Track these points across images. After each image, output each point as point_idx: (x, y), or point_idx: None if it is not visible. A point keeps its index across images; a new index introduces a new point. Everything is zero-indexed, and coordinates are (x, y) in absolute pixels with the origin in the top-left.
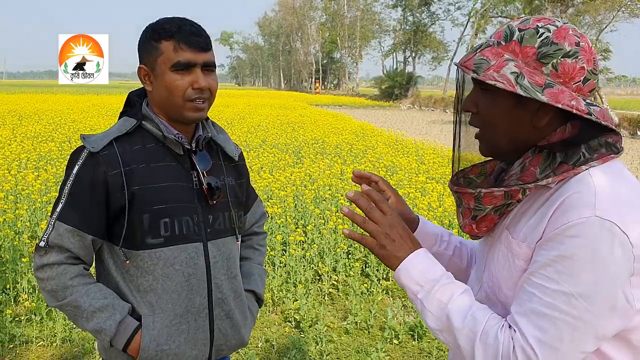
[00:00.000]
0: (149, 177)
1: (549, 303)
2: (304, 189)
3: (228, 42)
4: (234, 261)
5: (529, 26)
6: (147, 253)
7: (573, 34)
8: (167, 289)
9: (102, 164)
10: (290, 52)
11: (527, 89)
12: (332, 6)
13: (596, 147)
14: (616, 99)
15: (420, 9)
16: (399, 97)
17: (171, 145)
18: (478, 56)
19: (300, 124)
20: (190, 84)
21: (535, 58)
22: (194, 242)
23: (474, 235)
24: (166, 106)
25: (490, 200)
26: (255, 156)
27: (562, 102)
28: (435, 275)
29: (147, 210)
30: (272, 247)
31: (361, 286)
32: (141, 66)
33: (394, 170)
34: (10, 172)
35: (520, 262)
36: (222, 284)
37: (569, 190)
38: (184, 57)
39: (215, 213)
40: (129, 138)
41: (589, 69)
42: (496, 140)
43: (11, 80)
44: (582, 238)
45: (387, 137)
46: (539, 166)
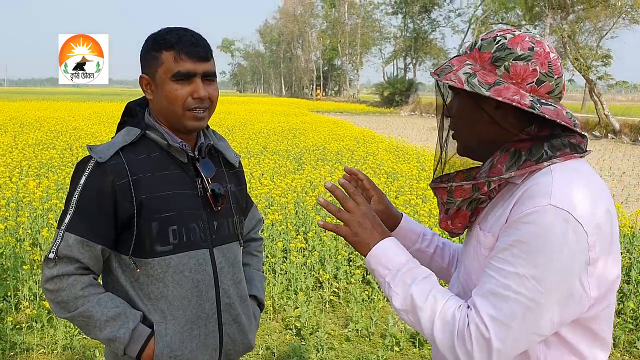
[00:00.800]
0: (155, 185)
1: (504, 284)
2: (304, 195)
3: (229, 50)
4: (238, 266)
5: (490, 36)
6: (157, 261)
7: (528, 41)
8: (178, 295)
9: (110, 173)
10: (291, 59)
11: (473, 85)
12: (332, 14)
13: (559, 146)
14: (617, 105)
15: (421, 16)
16: (399, 104)
17: (175, 154)
18: (446, 63)
19: (301, 130)
20: (190, 94)
21: (490, 61)
22: (202, 249)
23: (451, 232)
24: (167, 115)
25: (460, 193)
26: (256, 163)
27: (504, 96)
28: (402, 260)
29: (155, 218)
30: (273, 254)
31: (362, 293)
32: (142, 75)
33: (395, 176)
34: (12, 180)
35: (485, 251)
36: (229, 289)
37: (531, 183)
38: (184, 67)
39: (219, 219)
40: (134, 148)
41: (542, 71)
42: (467, 140)
43: (13, 88)
44: (537, 225)
45: (388, 144)
46: (505, 163)
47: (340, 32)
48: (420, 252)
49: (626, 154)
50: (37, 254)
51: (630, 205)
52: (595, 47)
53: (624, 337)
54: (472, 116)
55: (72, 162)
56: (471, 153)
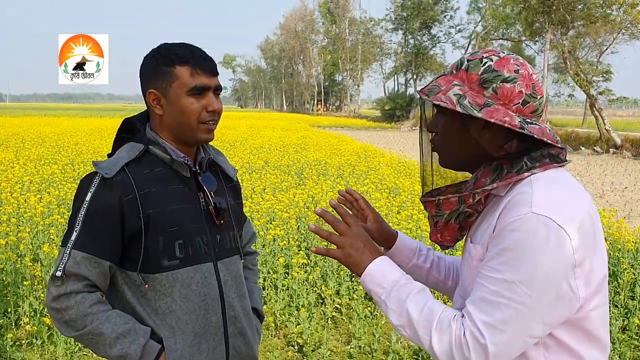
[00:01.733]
0: (161, 200)
1: (494, 291)
2: (306, 210)
3: (231, 65)
4: (241, 280)
5: (476, 57)
6: (165, 275)
7: (514, 63)
8: (186, 309)
9: (117, 189)
10: (293, 75)
11: (465, 107)
12: (333, 30)
13: (539, 158)
14: (618, 120)
15: (421, 32)
16: (400, 119)
17: (178, 168)
18: (433, 83)
19: (302, 145)
20: (204, 107)
21: (478, 83)
22: (206, 262)
23: (442, 245)
24: (179, 129)
25: (447, 206)
26: (258, 178)
27: (496, 117)
28: (395, 277)
29: (162, 233)
30: (275, 270)
31: (365, 309)
32: (152, 91)
33: (397, 191)
34: (13, 195)
35: (475, 262)
36: (234, 302)
37: (514, 193)
38: (201, 82)
39: (222, 233)
40: (138, 163)
41: (527, 92)
42: (451, 154)
43: (15, 104)
44: (520, 232)
45: (389, 159)
46: (489, 177)
47: (341, 48)
48: (417, 268)
49: (628, 169)
50: (37, 270)
51: (633, 220)
52: (596, 62)
53: (630, 353)
54: (458, 134)
55: (74, 177)
56: (454, 166)
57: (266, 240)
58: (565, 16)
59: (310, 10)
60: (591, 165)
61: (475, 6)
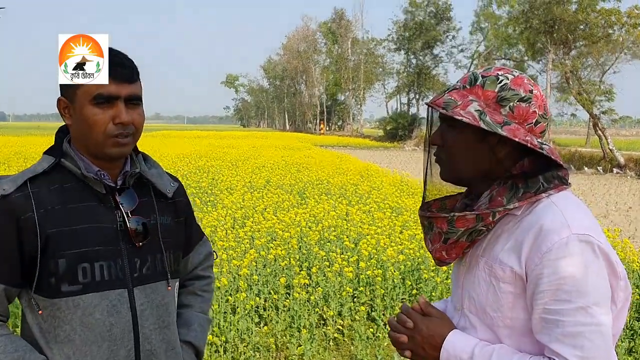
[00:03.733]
0: (65, 218)
1: (573, 321)
2: (308, 230)
3: (233, 85)
4: (165, 309)
5: (490, 74)
6: (64, 301)
7: (527, 83)
8: (86, 339)
9: (14, 207)
10: (295, 94)
11: (489, 124)
12: (335, 49)
13: (551, 179)
14: (621, 140)
15: (424, 52)
16: (403, 138)
17: (92, 184)
18: (447, 96)
19: (304, 164)
20: (112, 119)
21: (495, 100)
22: (117, 289)
23: (442, 262)
24: (86, 141)
25: (463, 223)
26: (260, 197)
27: (519, 137)
28: (471, 344)
29: (63, 255)
30: (276, 291)
31: (367, 331)
32: (61, 98)
33: (400, 211)
34: None
35: (506, 286)
36: (151, 334)
37: (540, 216)
38: (106, 90)
39: (142, 256)
40: (47, 177)
41: (540, 113)
42: (459, 169)
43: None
44: (571, 256)
45: (392, 178)
46: (505, 195)
47: (344, 68)
48: None
49: (632, 189)
50: None
51: (637, 240)
52: (598, 82)
53: None
54: (474, 150)
55: None
56: (457, 180)
57: (267, 260)
58: (567, 36)
59: (312, 30)
60: (595, 185)
61: (477, 26)
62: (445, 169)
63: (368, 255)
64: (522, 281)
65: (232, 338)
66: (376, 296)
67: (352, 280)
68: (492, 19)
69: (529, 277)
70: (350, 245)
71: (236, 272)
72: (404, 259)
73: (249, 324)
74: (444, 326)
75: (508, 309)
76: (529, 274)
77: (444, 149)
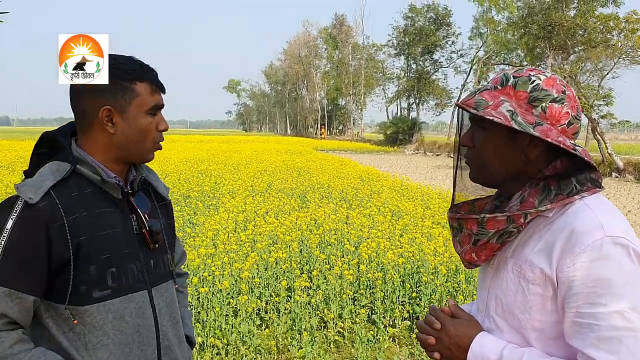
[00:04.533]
0: (92, 225)
1: (608, 326)
2: (309, 233)
3: (235, 90)
4: (175, 306)
5: (522, 74)
6: (96, 307)
7: (560, 84)
8: (119, 343)
9: (43, 215)
10: (296, 99)
11: (521, 124)
12: (336, 55)
13: (583, 181)
14: (620, 144)
15: (423, 57)
16: (403, 143)
17: (109, 189)
18: (477, 97)
19: (305, 168)
20: (156, 127)
21: (527, 101)
22: (140, 291)
23: (472, 264)
24: (132, 148)
25: (493, 224)
26: (261, 201)
27: (551, 137)
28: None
29: (93, 261)
30: (277, 293)
31: (367, 333)
32: (107, 107)
33: (400, 215)
34: None
35: (536, 287)
36: (168, 331)
37: (573, 219)
38: (160, 101)
39: (155, 257)
40: (64, 184)
41: (572, 114)
42: (489, 170)
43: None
44: (605, 259)
45: (392, 182)
46: (537, 197)
47: (344, 73)
48: None
49: (631, 192)
50: None
51: None
52: (597, 86)
53: None
54: (505, 151)
55: None
56: (487, 181)
57: (268, 263)
58: (566, 41)
59: (313, 36)
60: None
61: (476, 32)
62: (476, 171)
63: (368, 259)
64: (552, 283)
65: (233, 340)
66: (376, 299)
67: (353, 283)
68: (491, 24)
69: (560, 279)
70: (351, 248)
71: (238, 275)
72: (403, 262)
73: (251, 327)
74: (472, 328)
75: (537, 311)
76: (560, 276)
77: (475, 150)
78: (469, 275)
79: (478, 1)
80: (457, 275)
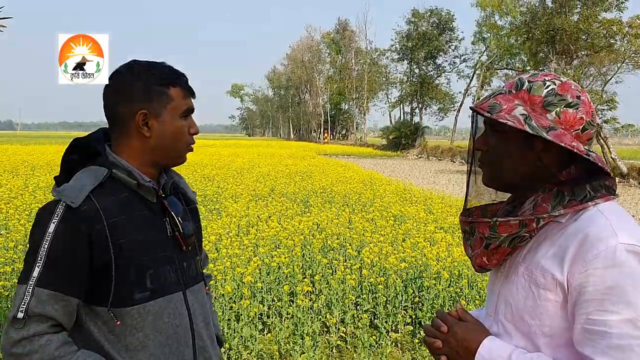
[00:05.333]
0: (130, 228)
1: (620, 334)
2: (311, 238)
3: (239, 95)
4: (206, 307)
5: (537, 79)
6: (136, 309)
7: (575, 89)
8: (159, 344)
9: (85, 219)
10: (299, 104)
11: (534, 128)
12: (339, 59)
13: (598, 188)
14: (624, 149)
15: (426, 62)
16: (406, 147)
17: (145, 193)
18: (492, 100)
19: (308, 173)
20: (189, 130)
21: (541, 105)
22: (176, 292)
23: (483, 268)
24: (167, 152)
25: (505, 228)
26: (264, 205)
27: (565, 142)
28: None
29: (133, 264)
30: (279, 298)
31: (370, 338)
32: (143, 111)
33: (403, 219)
34: (20, 222)
35: (547, 293)
36: (202, 331)
37: (586, 225)
38: (191, 104)
39: (188, 259)
40: (102, 188)
41: (587, 119)
42: (502, 173)
43: (26, 132)
44: (618, 266)
45: (395, 186)
46: (550, 202)
47: (347, 78)
48: None
49: (635, 198)
50: None
51: None
52: (600, 91)
53: None
54: (519, 155)
55: None
56: (500, 185)
57: (271, 267)
58: (569, 46)
59: (316, 41)
60: None
61: (479, 36)
62: (489, 174)
63: (371, 263)
64: (563, 289)
65: (235, 345)
66: (379, 304)
67: (355, 288)
68: (494, 29)
69: (571, 285)
70: (353, 253)
71: (240, 279)
72: (406, 267)
73: (253, 331)
74: (480, 332)
75: (547, 317)
76: (572, 283)
77: (488, 154)
78: (471, 280)
79: (481, 6)
80: (459, 280)
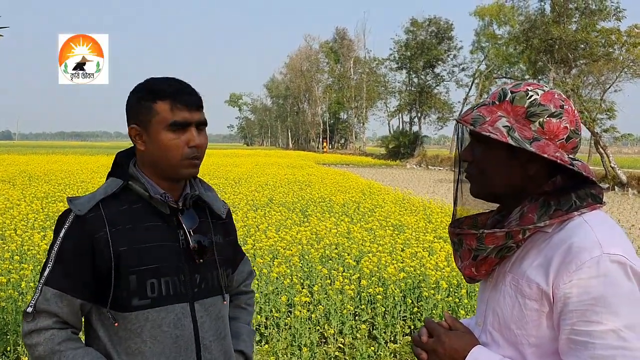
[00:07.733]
0: (135, 237)
1: (603, 344)
2: (310, 248)
3: (237, 104)
4: (222, 321)
5: (520, 89)
6: (135, 315)
7: (558, 98)
8: (156, 351)
9: (88, 226)
10: (298, 113)
11: (517, 140)
12: (337, 69)
13: (584, 197)
14: (624, 157)
15: (425, 71)
16: (405, 156)
17: (157, 205)
18: (475, 112)
19: (307, 182)
20: (186, 143)
21: (524, 116)
22: (181, 303)
23: (473, 279)
24: (161, 165)
25: (492, 240)
26: (262, 215)
27: (548, 153)
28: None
29: (134, 271)
30: (277, 309)
31: (368, 349)
32: (133, 126)
33: (402, 229)
34: (17, 232)
35: (532, 303)
36: (211, 345)
37: (571, 234)
38: (181, 117)
39: (202, 272)
40: (115, 199)
41: (571, 128)
42: (488, 184)
43: (23, 142)
44: (602, 276)
45: (394, 196)
46: (536, 212)
47: (346, 87)
48: None
49: (634, 207)
50: None
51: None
52: (599, 100)
53: None
54: (504, 166)
55: None
56: (488, 196)
57: (269, 278)
58: (567, 55)
59: (315, 50)
60: None
61: (478, 45)
62: (476, 185)
63: (369, 273)
64: (549, 299)
65: None
66: (377, 314)
67: (354, 298)
68: (492, 38)
69: (556, 295)
70: (352, 262)
71: None
72: (405, 277)
73: None
74: (468, 341)
75: (533, 327)
76: (557, 293)
77: (474, 165)
78: (470, 290)
79: (479, 15)
80: (458, 290)
